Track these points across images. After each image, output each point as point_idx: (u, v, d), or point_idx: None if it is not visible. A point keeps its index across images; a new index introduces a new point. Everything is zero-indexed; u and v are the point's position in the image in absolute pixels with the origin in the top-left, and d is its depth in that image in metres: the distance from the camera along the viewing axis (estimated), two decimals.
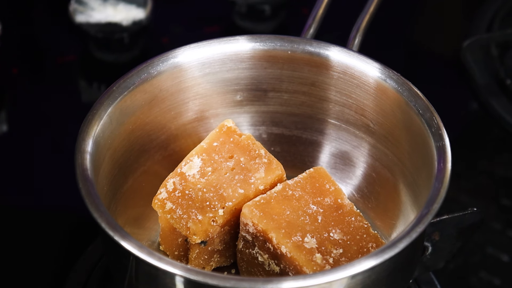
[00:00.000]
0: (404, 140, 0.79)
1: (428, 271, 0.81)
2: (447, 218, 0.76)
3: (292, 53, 0.82)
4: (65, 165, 0.87)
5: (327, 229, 0.75)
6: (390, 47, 1.12)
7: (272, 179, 0.79)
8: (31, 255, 0.89)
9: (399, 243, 0.67)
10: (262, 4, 1.13)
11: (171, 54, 0.81)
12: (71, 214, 0.91)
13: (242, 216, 0.76)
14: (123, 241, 0.67)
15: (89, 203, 0.69)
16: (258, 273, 0.78)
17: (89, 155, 0.73)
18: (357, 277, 0.67)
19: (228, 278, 0.65)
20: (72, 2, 1.08)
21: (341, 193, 0.78)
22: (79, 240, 0.89)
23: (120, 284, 0.73)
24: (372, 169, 0.83)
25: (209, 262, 0.80)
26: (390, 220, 0.81)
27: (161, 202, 0.78)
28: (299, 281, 0.65)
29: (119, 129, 0.78)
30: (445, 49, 1.13)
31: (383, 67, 0.80)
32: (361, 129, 0.83)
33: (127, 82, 0.79)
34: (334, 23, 0.92)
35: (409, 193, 0.78)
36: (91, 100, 0.87)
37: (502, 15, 1.13)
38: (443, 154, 0.73)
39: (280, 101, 0.85)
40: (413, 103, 0.77)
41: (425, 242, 0.77)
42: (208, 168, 0.79)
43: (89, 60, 1.10)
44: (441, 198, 0.70)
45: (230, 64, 0.83)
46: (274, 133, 0.87)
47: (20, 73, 1.07)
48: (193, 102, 0.84)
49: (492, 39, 1.09)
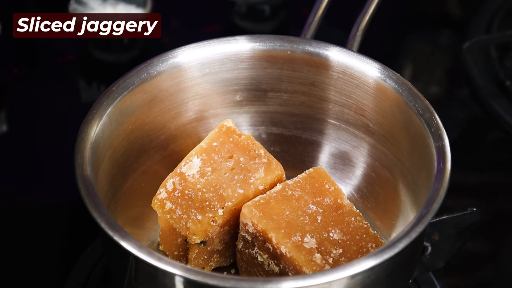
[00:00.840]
0: (404, 140, 0.79)
1: (427, 271, 0.81)
2: (446, 218, 0.76)
3: (292, 53, 0.82)
4: (65, 165, 0.87)
5: (327, 229, 0.75)
6: (390, 47, 1.12)
7: (271, 179, 0.79)
8: (31, 255, 0.89)
9: (399, 243, 0.67)
10: (261, 4, 1.13)
11: (170, 54, 0.81)
12: (71, 214, 0.91)
13: (241, 216, 0.76)
14: (122, 241, 0.67)
15: (89, 203, 0.69)
16: (257, 273, 0.78)
17: (89, 155, 0.73)
18: (357, 277, 0.67)
19: (228, 278, 0.65)
20: (71, 2, 1.08)
21: (341, 193, 0.78)
22: (79, 240, 0.89)
23: (120, 284, 0.73)
24: (371, 169, 0.83)
25: (209, 262, 0.80)
26: (390, 220, 0.81)
27: (161, 202, 0.78)
28: (299, 281, 0.65)
29: (118, 129, 0.78)
30: (445, 50, 1.13)
31: (383, 67, 0.80)
32: (360, 129, 0.83)
33: (126, 82, 0.79)
34: (333, 23, 0.92)
35: (408, 193, 0.78)
36: (91, 100, 0.87)
37: (501, 17, 1.13)
38: (442, 154, 0.73)
39: (280, 101, 0.85)
40: (413, 103, 0.77)
41: (424, 242, 0.77)
42: (208, 168, 0.79)
43: (89, 60, 1.10)
44: (440, 198, 0.70)
45: (230, 64, 0.83)
46: (273, 133, 0.87)
47: (20, 73, 1.07)
48: (192, 102, 0.84)
49: (491, 40, 1.09)
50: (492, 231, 0.93)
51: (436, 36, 1.15)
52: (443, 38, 1.15)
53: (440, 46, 1.14)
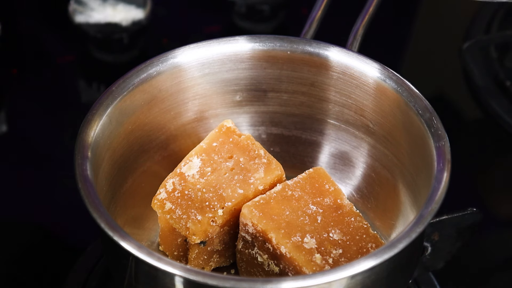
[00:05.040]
0: (404, 141, 0.79)
1: (427, 271, 0.81)
2: (446, 219, 0.77)
3: (292, 54, 0.82)
4: (65, 165, 0.87)
5: (327, 229, 0.75)
6: (389, 48, 1.12)
7: (271, 180, 0.79)
8: (31, 255, 0.89)
9: (399, 244, 0.67)
10: (261, 4, 1.13)
11: (170, 54, 0.81)
12: (70, 214, 0.91)
13: (241, 217, 0.76)
14: (122, 241, 0.67)
15: (89, 203, 0.69)
16: (257, 274, 0.78)
17: (89, 156, 0.73)
18: (357, 278, 0.67)
19: (228, 278, 0.65)
20: (71, 2, 1.08)
21: (341, 194, 0.78)
22: (79, 240, 0.89)
23: (120, 284, 0.73)
24: (371, 170, 0.83)
25: (209, 262, 0.80)
26: (390, 220, 0.81)
27: (161, 203, 0.78)
28: (299, 281, 0.65)
29: (118, 130, 0.78)
30: (444, 50, 1.13)
31: (383, 68, 0.80)
32: (360, 129, 0.83)
33: (126, 82, 0.79)
34: (333, 23, 0.92)
35: (408, 193, 0.78)
36: (91, 100, 0.87)
37: (500, 17, 1.13)
38: (442, 154, 0.73)
39: (280, 102, 0.85)
40: (413, 103, 0.77)
41: (424, 242, 0.77)
42: (208, 168, 0.79)
43: (89, 60, 1.10)
44: (440, 198, 0.70)
45: (230, 65, 0.83)
46: (273, 133, 0.87)
47: (20, 73, 1.07)
48: (192, 103, 0.84)
49: (491, 40, 1.09)
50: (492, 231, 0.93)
51: (436, 36, 1.15)
52: (443, 38, 1.15)
53: (440, 46, 1.14)
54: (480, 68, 1.06)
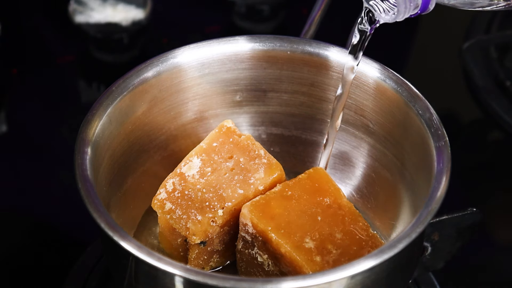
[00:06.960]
0: (404, 141, 0.79)
1: (427, 271, 0.81)
2: (446, 219, 0.76)
3: (292, 54, 0.82)
4: (65, 165, 0.87)
5: (327, 229, 0.75)
6: (389, 48, 1.12)
7: (271, 180, 0.79)
8: (31, 255, 0.89)
9: (399, 244, 0.67)
10: (261, 4, 1.13)
11: (170, 54, 0.81)
12: (70, 214, 0.91)
13: (241, 217, 0.76)
14: (122, 241, 0.67)
15: (89, 203, 0.69)
16: (257, 273, 0.78)
17: (89, 156, 0.73)
18: (357, 277, 0.67)
19: (228, 278, 0.65)
20: (71, 2, 1.08)
21: (341, 194, 0.78)
22: (79, 240, 0.89)
23: (120, 284, 0.73)
24: (371, 170, 0.83)
25: (209, 263, 0.80)
26: (390, 220, 0.81)
27: (161, 203, 0.78)
28: (299, 281, 0.65)
29: (118, 130, 0.78)
30: (444, 50, 1.13)
31: (383, 68, 0.80)
32: (360, 129, 0.83)
33: (126, 82, 0.79)
34: (333, 23, 0.92)
35: (408, 193, 0.78)
36: (91, 100, 0.87)
37: (501, 17, 1.13)
38: (442, 154, 0.73)
39: (280, 102, 0.85)
40: (413, 103, 0.77)
41: (424, 242, 0.77)
42: (208, 168, 0.79)
43: (89, 60, 1.10)
44: (440, 198, 0.70)
45: (230, 65, 0.83)
46: (273, 134, 0.87)
47: (20, 73, 1.07)
48: (192, 103, 0.84)
49: (491, 40, 1.09)
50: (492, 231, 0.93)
51: (436, 36, 1.15)
52: (443, 38, 1.15)
53: (440, 46, 1.14)
54: (480, 68, 1.06)
